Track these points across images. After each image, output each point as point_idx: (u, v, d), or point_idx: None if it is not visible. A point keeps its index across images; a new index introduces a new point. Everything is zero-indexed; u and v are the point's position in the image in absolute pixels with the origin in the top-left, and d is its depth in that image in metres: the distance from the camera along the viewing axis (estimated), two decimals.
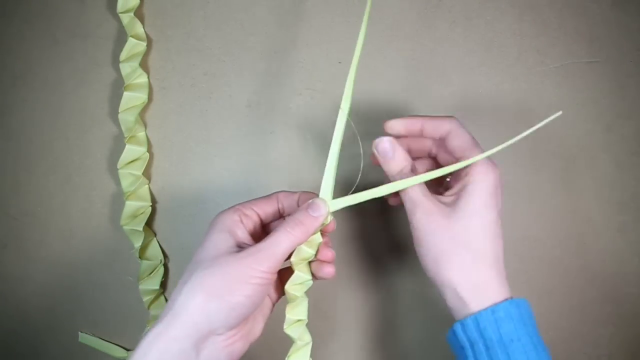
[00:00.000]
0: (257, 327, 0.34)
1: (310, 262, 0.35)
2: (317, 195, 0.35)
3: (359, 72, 0.33)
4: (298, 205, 0.35)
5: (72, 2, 0.50)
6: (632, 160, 0.47)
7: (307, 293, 0.35)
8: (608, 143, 0.47)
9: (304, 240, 0.33)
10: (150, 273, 0.48)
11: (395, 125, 0.36)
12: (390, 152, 0.34)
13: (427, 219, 0.32)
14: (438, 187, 0.37)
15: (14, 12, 0.50)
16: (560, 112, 0.32)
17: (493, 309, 0.30)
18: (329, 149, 0.35)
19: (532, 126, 0.32)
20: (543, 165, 0.47)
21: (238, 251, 0.31)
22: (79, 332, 0.49)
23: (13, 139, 0.50)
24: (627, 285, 0.47)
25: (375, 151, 0.34)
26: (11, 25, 0.50)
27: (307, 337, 0.36)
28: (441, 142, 0.36)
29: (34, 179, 0.50)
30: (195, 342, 0.29)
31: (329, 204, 0.34)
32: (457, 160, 0.34)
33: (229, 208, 0.34)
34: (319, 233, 0.34)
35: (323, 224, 0.34)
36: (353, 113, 0.36)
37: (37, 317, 0.50)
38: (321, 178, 0.35)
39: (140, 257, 0.47)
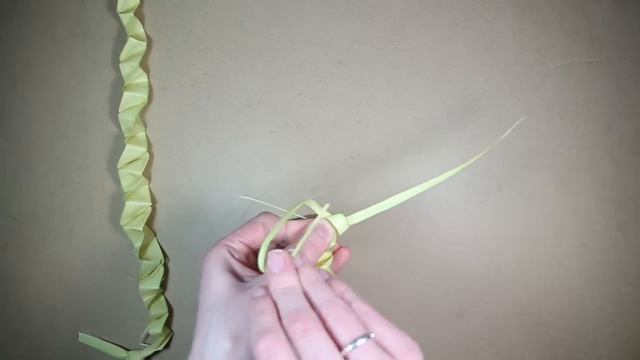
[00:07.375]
0: None
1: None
2: (314, 216, 0.33)
3: (360, 72, 0.33)
4: (286, 231, 0.35)
5: (71, 1, 0.50)
6: (632, 160, 0.47)
7: None
8: (608, 143, 0.47)
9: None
10: (150, 273, 0.48)
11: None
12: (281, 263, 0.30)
13: None
14: None
15: (13, 12, 0.50)
16: (523, 117, 0.30)
17: None
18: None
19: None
20: (543, 165, 0.47)
21: (244, 286, 0.30)
22: (79, 332, 0.49)
23: (13, 139, 0.50)
24: (627, 285, 0.47)
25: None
26: (11, 25, 0.50)
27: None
28: None
29: (34, 179, 0.50)
30: None
31: (344, 221, 0.33)
32: None
33: (216, 245, 0.33)
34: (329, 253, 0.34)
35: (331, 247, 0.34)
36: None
37: (37, 317, 0.50)
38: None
39: (140, 257, 0.47)
